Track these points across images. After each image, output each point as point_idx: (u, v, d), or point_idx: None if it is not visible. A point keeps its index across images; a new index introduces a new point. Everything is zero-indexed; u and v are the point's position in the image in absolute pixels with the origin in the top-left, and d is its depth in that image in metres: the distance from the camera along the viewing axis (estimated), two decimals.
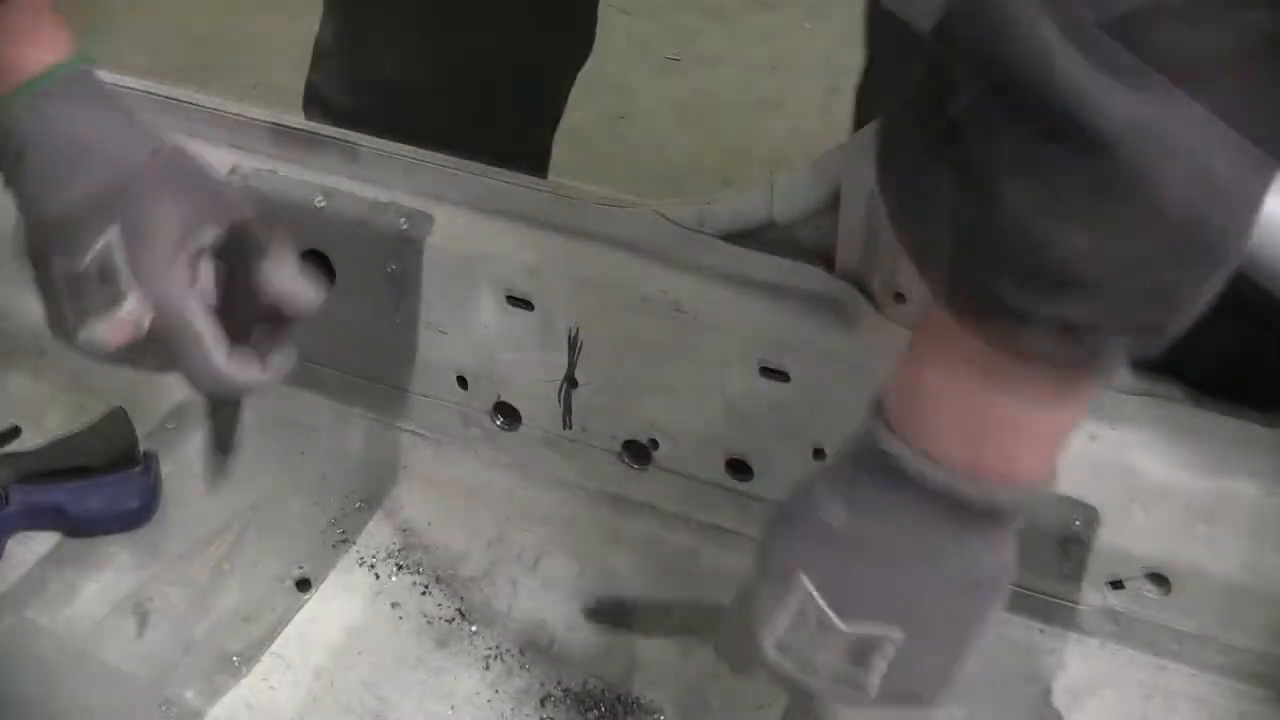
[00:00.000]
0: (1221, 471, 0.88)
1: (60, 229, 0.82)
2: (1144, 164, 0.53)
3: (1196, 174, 0.54)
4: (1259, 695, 0.91)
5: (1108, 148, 0.53)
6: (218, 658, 0.95)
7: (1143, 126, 0.53)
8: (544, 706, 0.92)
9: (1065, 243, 0.57)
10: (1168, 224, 0.55)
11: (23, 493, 1.01)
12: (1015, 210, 0.57)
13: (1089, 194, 0.55)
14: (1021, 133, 0.55)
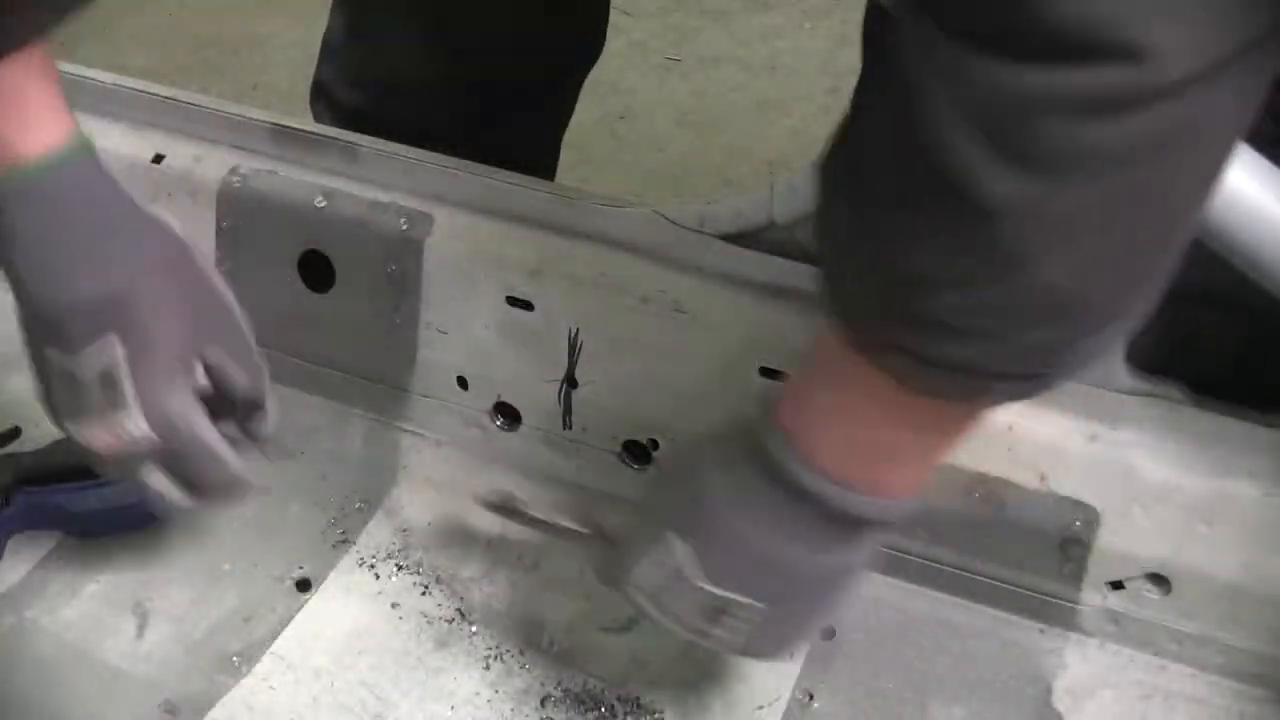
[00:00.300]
0: (1221, 472, 0.88)
1: (58, 326, 0.81)
2: (1020, 233, 0.57)
3: (1069, 253, 0.57)
4: (1258, 696, 0.91)
5: (990, 219, 0.56)
6: (218, 658, 0.95)
7: (1026, 206, 0.56)
8: (544, 707, 0.92)
9: (946, 299, 0.61)
10: (1040, 291, 0.59)
11: (23, 493, 1.01)
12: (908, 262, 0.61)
13: (972, 256, 0.58)
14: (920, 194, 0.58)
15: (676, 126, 2.54)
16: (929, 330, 0.63)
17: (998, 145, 0.56)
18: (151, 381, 0.80)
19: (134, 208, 0.83)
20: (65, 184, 0.80)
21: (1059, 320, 0.62)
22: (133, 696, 0.92)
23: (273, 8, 2.77)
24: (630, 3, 2.77)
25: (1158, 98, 0.54)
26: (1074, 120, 0.54)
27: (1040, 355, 0.64)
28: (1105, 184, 0.57)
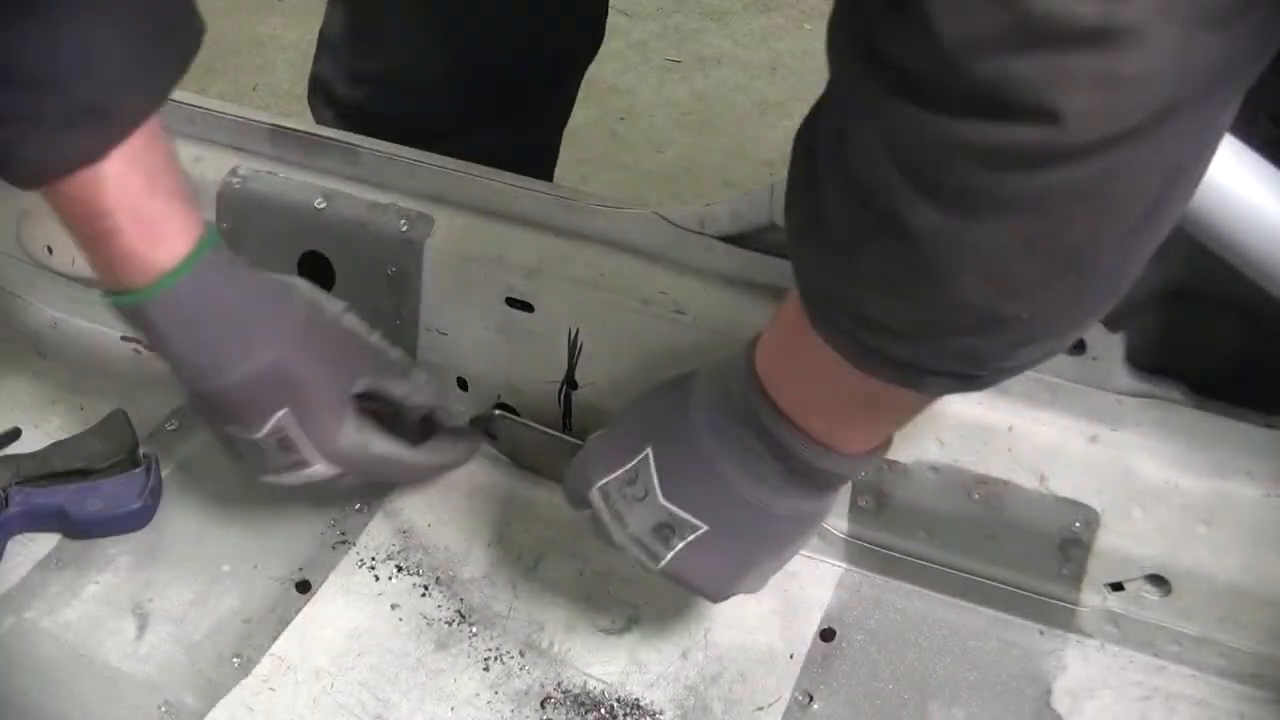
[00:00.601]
0: (1221, 473, 0.88)
1: (227, 406, 0.91)
2: (939, 260, 0.61)
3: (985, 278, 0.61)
4: (1259, 697, 0.91)
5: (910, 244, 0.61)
6: (218, 659, 0.95)
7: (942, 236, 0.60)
8: (544, 708, 0.92)
9: (880, 303, 0.66)
10: (961, 308, 0.63)
11: (23, 494, 1.01)
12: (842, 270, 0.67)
13: (898, 272, 0.63)
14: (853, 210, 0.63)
15: (676, 127, 2.54)
16: (868, 326, 0.68)
17: (917, 182, 0.59)
18: (322, 431, 0.92)
19: (263, 282, 0.91)
20: (198, 285, 0.87)
21: (984, 332, 0.65)
22: (132, 697, 0.92)
23: (273, 9, 2.77)
24: (630, 4, 2.77)
25: (1071, 157, 0.56)
26: (990, 169, 0.57)
27: (971, 359, 0.68)
28: (1020, 223, 0.59)
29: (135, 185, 0.84)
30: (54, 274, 1.21)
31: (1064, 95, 0.54)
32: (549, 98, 1.45)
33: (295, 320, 0.91)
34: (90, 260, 0.88)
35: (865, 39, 0.59)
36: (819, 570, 1.01)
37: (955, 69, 0.55)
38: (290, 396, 0.90)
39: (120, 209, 0.84)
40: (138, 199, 0.84)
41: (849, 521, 0.99)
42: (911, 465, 0.94)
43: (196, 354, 0.89)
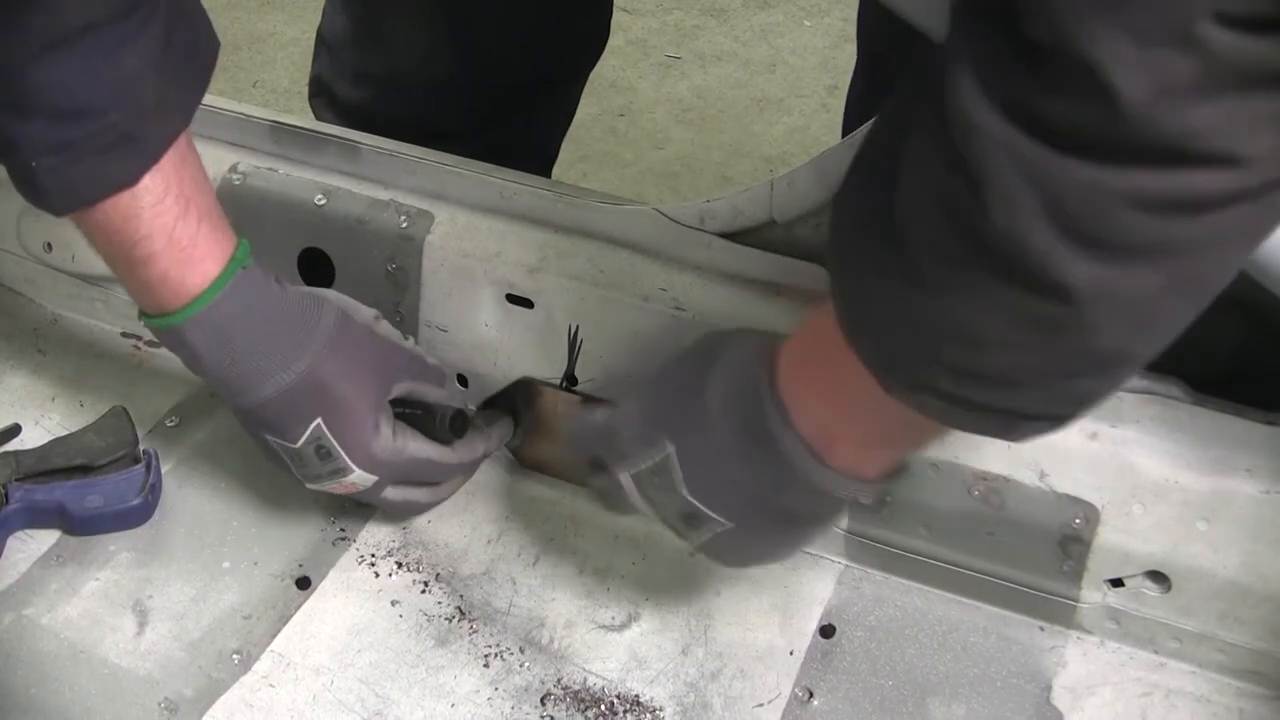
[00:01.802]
0: (1221, 470, 0.88)
1: (265, 421, 0.93)
2: (1086, 312, 0.60)
3: (1129, 322, 0.62)
4: (1258, 693, 0.91)
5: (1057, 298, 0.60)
6: (218, 656, 0.95)
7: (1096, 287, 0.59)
8: (544, 704, 0.92)
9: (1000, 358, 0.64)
10: (1096, 354, 0.63)
11: (23, 491, 1.01)
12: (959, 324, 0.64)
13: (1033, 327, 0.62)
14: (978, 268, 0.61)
15: (676, 124, 2.54)
16: (975, 382, 0.66)
17: (1074, 235, 0.58)
18: (359, 439, 0.93)
19: (293, 296, 0.93)
20: (230, 304, 0.90)
21: (1105, 373, 0.66)
22: (132, 694, 0.92)
23: (273, 6, 2.77)
24: (630, 0, 2.77)
25: (1243, 199, 0.57)
26: (1159, 216, 0.57)
27: (1081, 401, 0.68)
28: (1175, 266, 0.60)
29: (168, 209, 0.86)
30: (54, 270, 1.21)
31: (1249, 139, 0.55)
32: (552, 100, 1.45)
33: (326, 331, 0.92)
34: (125, 284, 0.90)
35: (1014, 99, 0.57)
36: (819, 567, 1.01)
37: (1136, 123, 0.54)
38: (324, 405, 0.92)
39: (154, 234, 0.86)
40: (171, 223, 0.87)
41: (849, 518, 0.99)
42: (911, 462, 0.94)
43: (232, 371, 0.91)
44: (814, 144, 1.52)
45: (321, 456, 0.93)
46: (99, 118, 0.82)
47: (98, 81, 0.81)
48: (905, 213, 0.64)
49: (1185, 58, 0.53)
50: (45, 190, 0.84)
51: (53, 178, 0.83)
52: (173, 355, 0.93)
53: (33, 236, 1.21)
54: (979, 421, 0.69)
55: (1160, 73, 0.53)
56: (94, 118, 0.82)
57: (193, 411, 1.13)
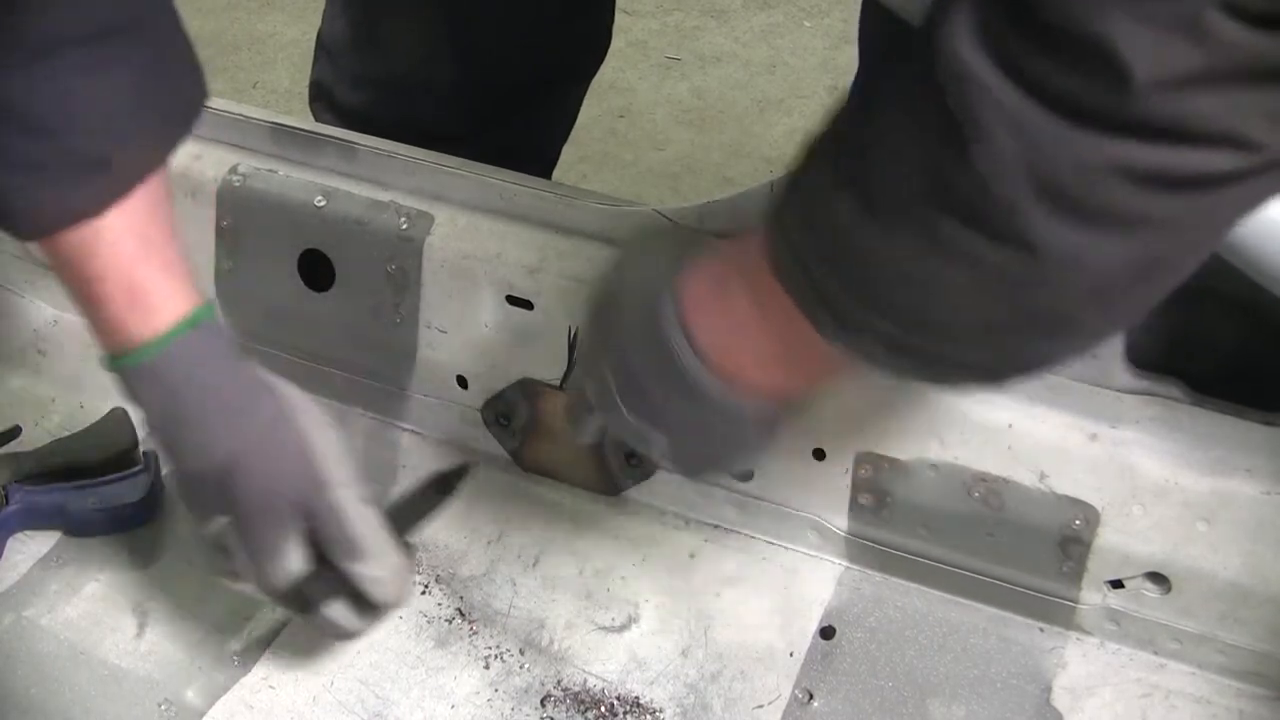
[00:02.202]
0: (1221, 471, 0.88)
1: (185, 489, 0.90)
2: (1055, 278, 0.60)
3: (1096, 291, 0.61)
4: (1258, 694, 0.91)
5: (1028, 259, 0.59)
6: (218, 657, 0.95)
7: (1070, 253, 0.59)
8: (544, 706, 0.92)
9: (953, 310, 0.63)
10: (1057, 318, 0.63)
11: (23, 492, 1.01)
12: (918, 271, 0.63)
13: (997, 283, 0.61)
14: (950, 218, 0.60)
15: (676, 125, 2.54)
16: (919, 331, 0.65)
17: (1051, 194, 0.58)
18: (255, 550, 0.86)
19: (241, 378, 0.88)
20: (170, 366, 0.85)
21: (1051, 338, 0.65)
22: (132, 695, 0.92)
23: (273, 6, 2.77)
24: (630, 1, 2.77)
25: (1235, 182, 0.57)
26: (1142, 189, 0.57)
27: (1021, 362, 0.68)
28: (1146, 242, 0.60)
29: (127, 252, 0.84)
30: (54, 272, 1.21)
31: (1254, 126, 0.55)
32: (552, 103, 1.45)
33: (255, 427, 0.86)
34: (82, 317, 0.88)
35: (1011, 54, 0.57)
36: (819, 568, 1.01)
37: (1141, 101, 0.54)
38: (233, 504, 0.86)
39: (108, 275, 0.84)
40: (128, 266, 0.84)
41: (849, 519, 0.99)
42: (911, 463, 0.94)
43: (160, 433, 0.88)
44: None
45: (219, 550, 0.88)
46: (73, 138, 0.80)
47: (75, 99, 0.80)
48: (874, 145, 0.63)
49: (1194, 46, 0.53)
50: (11, 211, 0.83)
51: (20, 198, 0.82)
52: None
53: None
54: (912, 368, 0.68)
55: (1170, 57, 0.54)
56: (68, 137, 0.80)
57: None
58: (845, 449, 0.96)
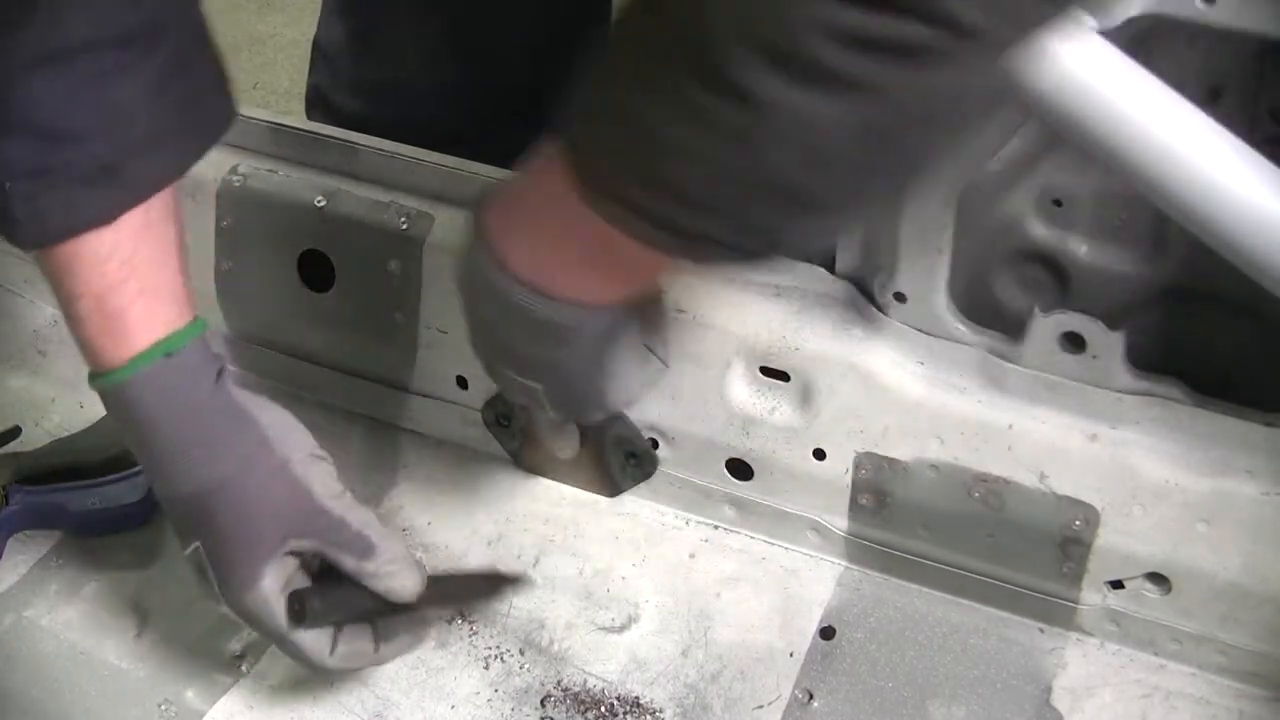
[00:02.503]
0: (1221, 471, 0.88)
1: (167, 509, 0.88)
2: (770, 133, 0.62)
3: (809, 156, 0.63)
4: (1258, 695, 0.91)
5: (746, 112, 0.61)
6: (218, 657, 0.95)
7: (784, 108, 0.61)
8: (544, 706, 0.92)
9: (688, 170, 0.66)
10: (777, 181, 0.65)
11: (23, 493, 1.01)
12: (651, 130, 0.66)
13: (721, 139, 0.63)
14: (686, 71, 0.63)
15: None
16: (664, 195, 0.68)
17: (774, 55, 0.60)
18: (232, 580, 0.85)
19: (222, 406, 0.85)
20: (145, 392, 0.83)
21: (784, 209, 0.67)
22: (132, 695, 0.92)
23: (273, 8, 2.77)
24: None
25: (955, 57, 0.59)
26: (853, 52, 0.59)
27: (764, 236, 0.70)
28: (865, 110, 0.62)
29: (106, 274, 0.82)
30: None
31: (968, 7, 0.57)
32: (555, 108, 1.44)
33: (231, 459, 0.85)
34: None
35: None
36: (819, 568, 1.01)
37: None
38: (207, 532, 0.85)
39: (85, 296, 0.82)
40: (104, 290, 0.82)
41: (849, 520, 0.99)
42: (911, 463, 0.94)
43: (142, 455, 0.87)
44: None
45: (199, 573, 0.86)
46: (82, 144, 0.79)
47: (85, 105, 0.78)
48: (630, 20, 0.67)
49: None
50: (15, 219, 0.81)
51: (26, 205, 0.80)
52: None
53: None
54: (667, 240, 0.70)
55: None
56: (77, 144, 0.79)
57: None
58: (845, 449, 0.96)
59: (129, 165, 0.81)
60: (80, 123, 0.79)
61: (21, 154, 0.79)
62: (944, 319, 0.93)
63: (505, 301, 0.80)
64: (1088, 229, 0.95)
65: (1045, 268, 0.98)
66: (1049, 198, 0.95)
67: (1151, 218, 0.92)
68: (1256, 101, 0.84)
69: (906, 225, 0.89)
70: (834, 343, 0.94)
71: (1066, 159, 0.92)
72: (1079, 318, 0.88)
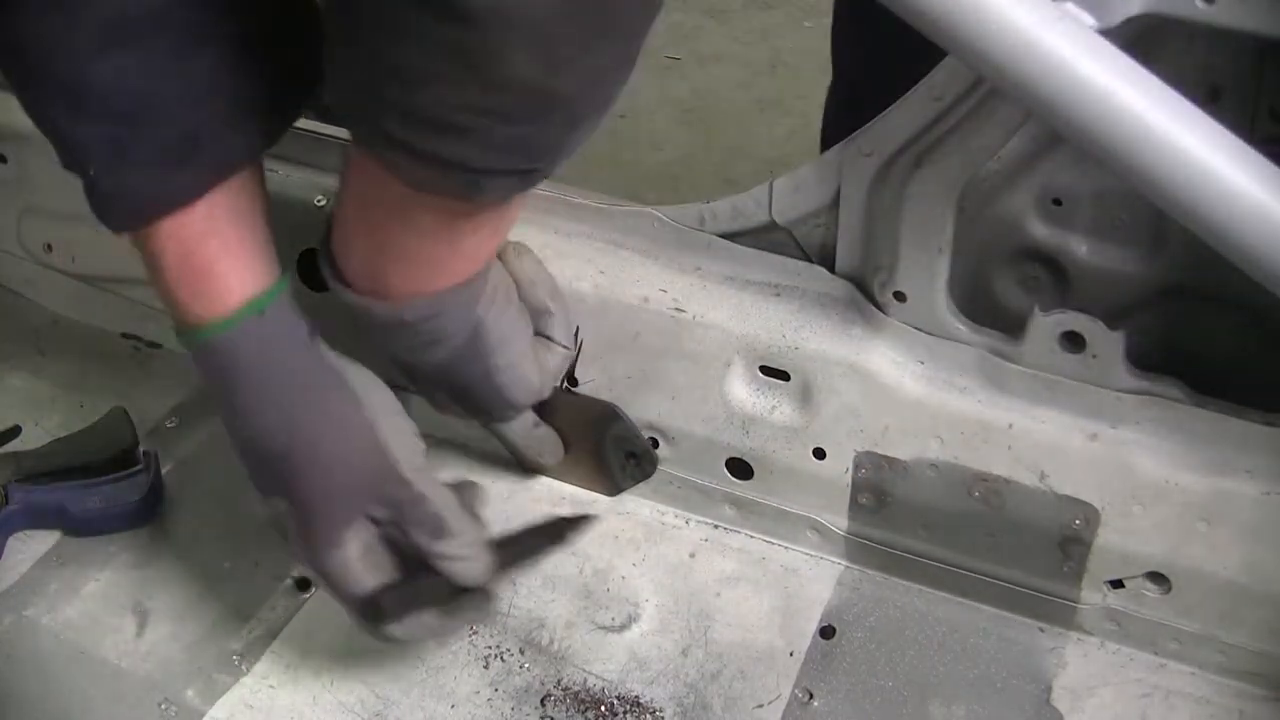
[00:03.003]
0: (1221, 471, 0.88)
1: (247, 464, 0.87)
2: (490, 34, 0.62)
3: (539, 53, 0.63)
4: (1258, 694, 0.91)
5: (466, 23, 0.61)
6: (218, 657, 0.95)
7: (496, 10, 0.61)
8: (544, 705, 0.92)
9: (432, 94, 0.66)
10: (517, 88, 0.65)
11: (23, 492, 1.01)
12: (389, 64, 0.65)
13: (453, 58, 0.63)
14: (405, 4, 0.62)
15: (676, 125, 2.55)
16: (421, 126, 0.68)
17: None
18: (311, 541, 0.85)
19: (305, 363, 0.85)
20: (233, 347, 0.82)
21: (535, 116, 0.67)
22: (132, 695, 0.92)
23: None
24: None
25: None
26: None
27: (526, 150, 0.70)
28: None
29: (188, 231, 0.80)
30: (54, 271, 1.21)
31: None
32: None
33: (317, 419, 0.84)
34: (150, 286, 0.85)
35: None
36: (819, 568, 1.01)
37: None
38: (291, 490, 0.84)
39: (167, 252, 0.80)
40: (188, 248, 0.80)
41: (849, 519, 0.99)
42: (911, 463, 0.94)
43: (225, 412, 0.85)
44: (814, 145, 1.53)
45: (278, 531, 0.87)
46: (162, 123, 0.76)
47: (162, 82, 0.75)
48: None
49: None
50: (105, 202, 0.79)
51: (112, 187, 0.78)
52: (174, 357, 0.93)
53: (33, 237, 1.21)
54: (440, 178, 0.70)
55: None
56: (156, 122, 0.76)
57: (193, 412, 1.13)
58: (845, 448, 0.96)
59: (212, 141, 0.79)
60: (158, 100, 0.76)
61: (102, 137, 0.77)
62: (944, 318, 0.93)
63: (358, 315, 0.82)
64: (1088, 228, 0.95)
65: (1045, 267, 0.98)
66: (1049, 197, 0.95)
67: (1151, 217, 0.92)
68: (1256, 101, 0.84)
69: (906, 224, 0.89)
70: (834, 342, 0.94)
71: (1066, 158, 0.92)
72: (1079, 317, 0.88)
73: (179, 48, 0.76)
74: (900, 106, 0.86)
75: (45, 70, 0.75)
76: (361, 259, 0.80)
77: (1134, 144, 0.69)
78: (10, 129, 1.13)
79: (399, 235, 0.78)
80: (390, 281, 0.80)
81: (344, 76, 0.71)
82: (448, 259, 0.80)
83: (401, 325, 0.81)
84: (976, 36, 0.67)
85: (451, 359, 0.84)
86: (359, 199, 0.78)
